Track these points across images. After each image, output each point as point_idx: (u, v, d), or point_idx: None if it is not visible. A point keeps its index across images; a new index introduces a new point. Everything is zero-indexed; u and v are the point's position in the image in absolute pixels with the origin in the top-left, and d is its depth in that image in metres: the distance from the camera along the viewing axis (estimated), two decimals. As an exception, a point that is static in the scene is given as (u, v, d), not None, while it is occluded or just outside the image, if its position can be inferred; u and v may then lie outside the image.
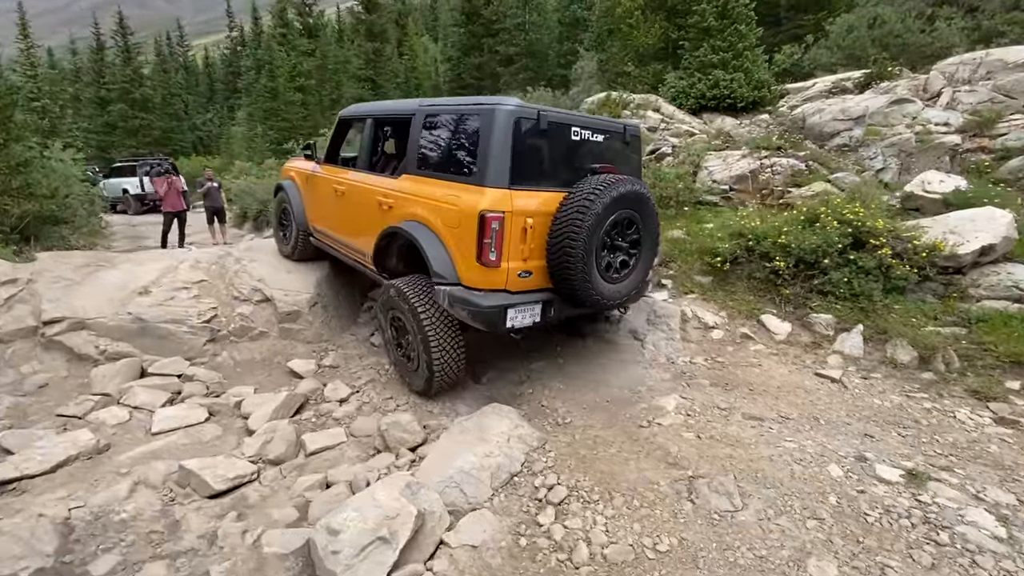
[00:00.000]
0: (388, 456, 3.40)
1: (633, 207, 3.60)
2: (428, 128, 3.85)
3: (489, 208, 3.19)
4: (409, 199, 3.79)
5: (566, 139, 3.62)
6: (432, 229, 3.55)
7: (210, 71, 54.20)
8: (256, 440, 3.61)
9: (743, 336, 4.89)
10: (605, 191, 3.35)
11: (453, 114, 3.68)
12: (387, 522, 2.44)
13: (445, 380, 3.78)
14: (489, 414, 3.52)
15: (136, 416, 4.10)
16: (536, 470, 3.09)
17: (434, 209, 3.54)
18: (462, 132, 3.58)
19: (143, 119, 30.36)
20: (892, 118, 6.77)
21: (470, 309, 3.28)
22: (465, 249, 3.32)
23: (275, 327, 5.54)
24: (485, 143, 3.30)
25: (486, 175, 3.27)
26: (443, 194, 3.51)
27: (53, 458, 3.42)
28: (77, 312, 5.16)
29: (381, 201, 4.08)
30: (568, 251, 3.29)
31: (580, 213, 3.28)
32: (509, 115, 3.30)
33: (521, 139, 3.31)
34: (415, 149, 3.91)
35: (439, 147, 3.81)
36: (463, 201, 3.33)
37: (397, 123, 5.35)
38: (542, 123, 3.42)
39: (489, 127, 3.30)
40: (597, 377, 4.43)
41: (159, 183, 10.55)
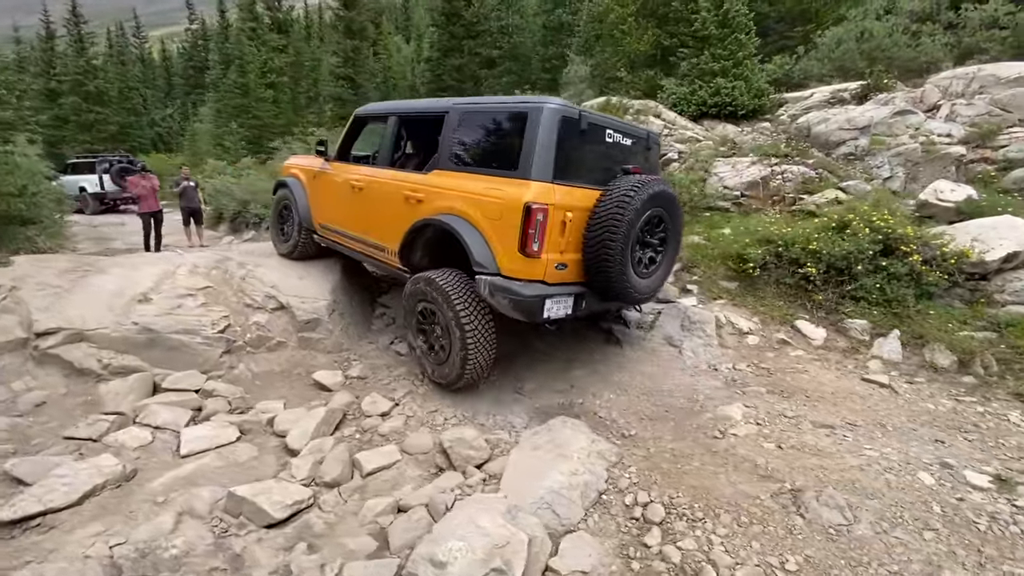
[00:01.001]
0: (454, 475, 3.20)
1: (664, 206, 3.78)
2: (463, 125, 3.90)
3: (534, 200, 3.27)
4: (444, 193, 3.83)
5: (601, 140, 3.78)
6: (470, 221, 3.60)
7: (167, 64, 51.77)
8: (304, 461, 3.33)
9: (780, 342, 4.91)
10: (642, 189, 3.50)
11: (494, 112, 3.77)
12: (498, 551, 2.26)
13: (477, 371, 3.80)
14: (560, 428, 3.37)
15: (160, 437, 3.74)
16: (622, 487, 2.96)
17: (473, 202, 3.59)
18: (505, 128, 3.67)
19: (98, 113, 28.52)
20: (895, 128, 7.03)
21: (512, 298, 3.32)
22: (506, 240, 3.39)
23: (293, 336, 5.22)
24: (531, 138, 3.37)
25: (531, 169, 3.34)
26: (484, 187, 3.56)
27: (78, 488, 3.06)
28: (74, 322, 4.71)
29: (409, 196, 4.10)
30: (608, 244, 3.41)
31: (620, 208, 3.41)
32: (555, 113, 3.39)
33: (564, 136, 3.40)
34: (449, 145, 3.95)
35: (477, 143, 3.91)
36: (507, 193, 3.39)
37: (425, 121, 5.39)
38: (583, 123, 3.55)
39: (536, 123, 3.37)
40: (646, 386, 4.35)
41: (135, 182, 9.86)
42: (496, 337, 3.83)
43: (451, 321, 3.68)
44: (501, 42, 22.57)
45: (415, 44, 44.78)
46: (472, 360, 3.70)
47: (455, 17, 23.52)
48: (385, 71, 25.57)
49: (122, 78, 31.47)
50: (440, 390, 4.36)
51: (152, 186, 10.00)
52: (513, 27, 22.98)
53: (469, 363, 3.71)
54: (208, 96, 28.12)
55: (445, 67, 23.75)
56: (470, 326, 3.64)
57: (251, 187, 13.79)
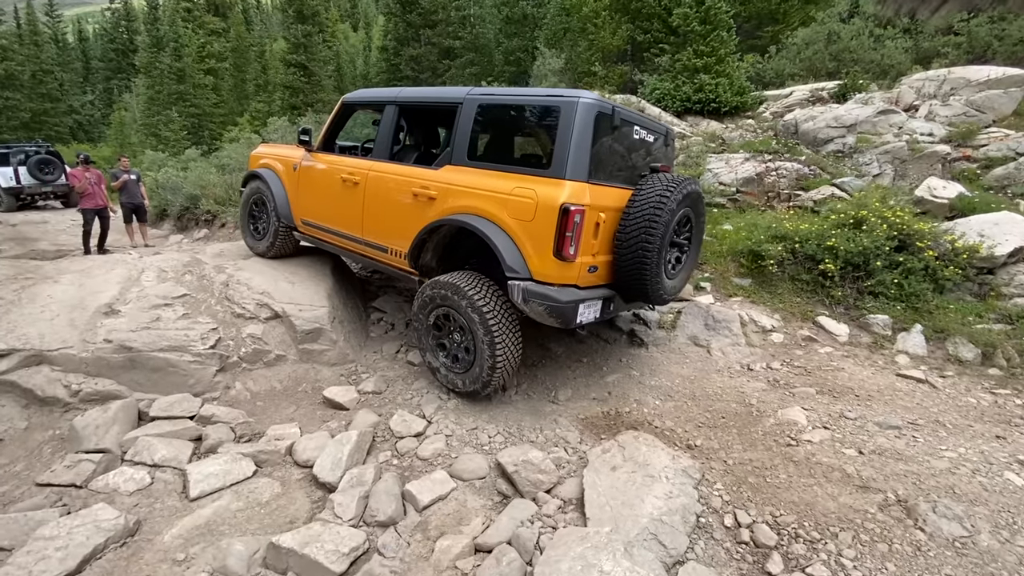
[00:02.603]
0: (525, 503, 2.87)
1: (692, 205, 3.71)
2: (483, 117, 3.67)
3: (571, 200, 3.11)
4: (462, 191, 3.60)
5: (630, 137, 3.67)
6: (497, 223, 3.39)
7: (84, 47, 47.21)
8: (347, 497, 2.90)
9: (806, 339, 4.89)
10: (677, 188, 3.41)
11: (519, 105, 3.56)
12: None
13: (503, 379, 3.66)
14: (633, 444, 3.12)
15: (160, 477, 3.17)
16: (715, 506, 2.75)
17: (500, 202, 3.38)
18: (533, 123, 3.52)
19: (7, 99, 25.35)
20: (880, 127, 7.27)
21: (549, 305, 3.19)
22: (540, 243, 3.22)
23: (293, 349, 4.67)
24: (565, 134, 3.19)
25: (566, 167, 3.17)
26: (512, 186, 3.36)
27: (75, 553, 2.50)
28: (31, 341, 3.98)
29: (418, 192, 3.82)
30: (646, 246, 3.32)
31: (657, 209, 3.31)
32: (591, 108, 3.22)
33: (598, 133, 3.28)
34: (465, 138, 3.69)
35: (500, 138, 3.73)
36: (540, 193, 3.21)
37: (434, 111, 5.02)
38: (615, 119, 3.41)
39: (570, 119, 3.19)
40: (688, 390, 4.18)
41: (77, 175, 8.69)
42: (522, 344, 3.67)
43: (477, 326, 3.49)
44: (461, 32, 21.96)
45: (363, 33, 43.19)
46: (501, 366, 3.54)
47: (412, 5, 22.70)
48: (336, 58, 24.31)
49: (35, 60, 28.17)
50: (471, 403, 4.02)
51: (97, 179, 8.86)
52: (475, 17, 22.42)
53: (498, 369, 3.54)
54: (137, 81, 25.69)
55: (402, 57, 22.90)
56: (498, 330, 3.46)
57: (201, 181, 12.64)
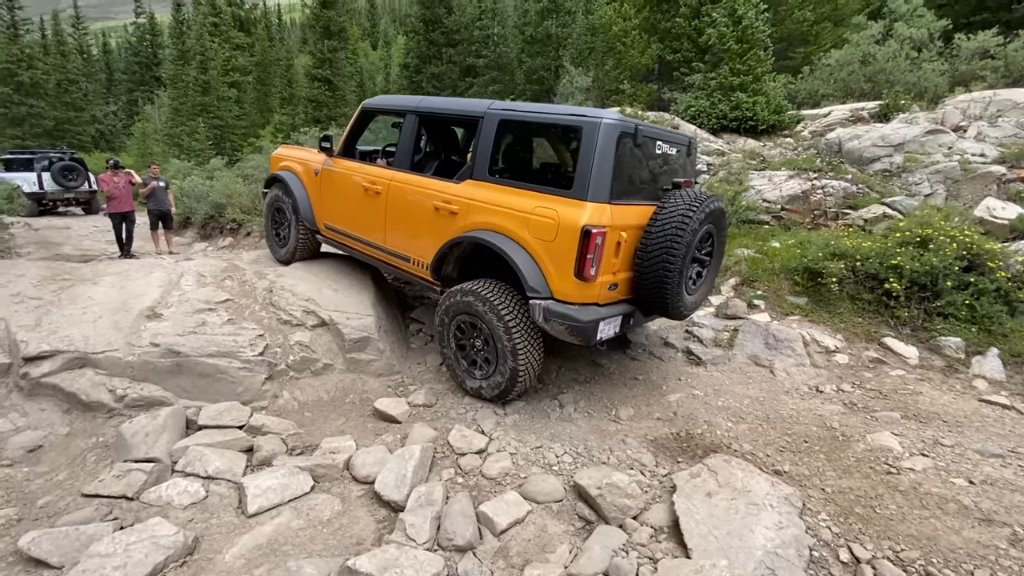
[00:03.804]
0: (612, 531, 2.65)
1: (715, 222, 3.68)
2: (504, 133, 3.67)
3: (593, 223, 3.12)
4: (483, 207, 3.60)
5: (652, 153, 3.64)
6: (518, 241, 3.42)
7: (108, 59, 48.31)
8: (418, 518, 2.68)
9: (874, 361, 4.66)
10: (701, 206, 3.38)
11: (541, 123, 3.60)
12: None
13: (525, 385, 3.71)
14: (724, 468, 2.90)
15: (215, 490, 2.98)
16: (825, 539, 2.52)
17: (522, 220, 3.40)
18: (555, 142, 3.52)
19: (32, 106, 25.81)
20: (928, 147, 7.13)
21: (570, 324, 3.22)
22: (561, 263, 3.25)
23: (340, 358, 4.50)
24: (587, 156, 3.20)
25: (588, 189, 3.18)
26: (534, 206, 3.37)
27: (134, 572, 2.31)
28: (75, 343, 3.83)
29: (440, 207, 3.82)
30: (668, 264, 3.32)
31: (680, 227, 3.30)
32: (613, 129, 3.21)
33: (620, 153, 3.26)
34: (486, 153, 3.68)
35: (521, 154, 3.71)
36: (562, 214, 3.23)
37: (455, 123, 5.00)
38: (638, 137, 3.40)
39: (593, 140, 3.19)
40: (761, 412, 3.95)
41: (106, 179, 8.66)
42: (544, 347, 3.71)
43: (500, 333, 3.53)
44: (484, 51, 22.23)
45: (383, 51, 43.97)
46: (523, 371, 3.58)
47: (435, 24, 23.04)
48: (359, 74, 24.64)
49: (60, 69, 28.76)
50: (530, 419, 3.83)
51: (126, 183, 8.84)
52: (497, 36, 22.72)
53: (520, 375, 3.59)
54: (162, 93, 26.11)
55: (424, 74, 23.17)
56: (521, 341, 3.51)
57: (227, 190, 12.64)
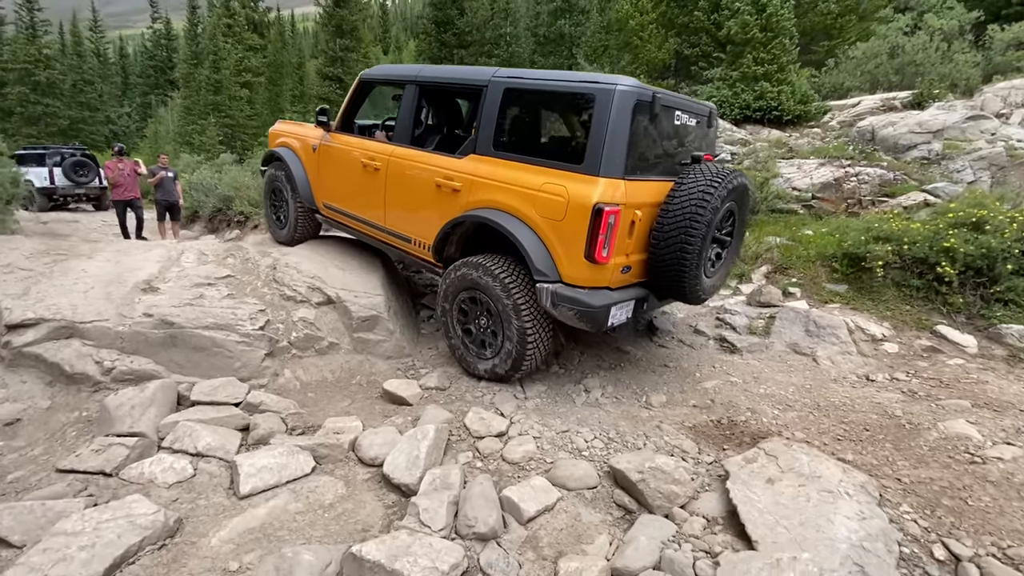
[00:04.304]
0: (659, 520, 2.28)
1: (737, 200, 3.43)
2: (510, 103, 3.38)
3: (605, 200, 2.88)
4: (487, 183, 3.36)
5: (670, 124, 3.37)
6: (524, 220, 3.18)
7: (124, 63, 48.98)
8: (433, 502, 2.33)
9: (928, 349, 4.27)
10: (723, 182, 3.12)
11: (550, 91, 3.26)
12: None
13: (534, 365, 3.48)
14: (785, 452, 2.54)
15: (204, 468, 2.65)
16: (913, 534, 2.14)
17: (528, 198, 3.16)
18: (566, 112, 3.26)
19: (47, 106, 26.00)
20: (969, 133, 6.76)
21: (580, 309, 3.00)
22: (570, 244, 3.01)
23: (346, 337, 4.18)
24: (600, 127, 2.92)
25: (600, 163, 2.92)
26: (542, 182, 3.11)
27: (104, 553, 1.97)
28: (62, 312, 3.54)
29: (442, 184, 3.58)
30: (686, 245, 3.06)
31: (700, 205, 3.03)
32: (629, 97, 2.92)
33: (636, 124, 2.99)
34: (490, 125, 3.41)
35: (528, 126, 3.51)
36: (572, 191, 2.98)
37: (457, 93, 4.69)
38: (656, 106, 3.08)
39: (606, 109, 2.91)
40: (808, 400, 3.58)
41: (111, 166, 8.46)
42: (554, 330, 3.47)
43: (509, 310, 3.30)
44: (496, 51, 22.08)
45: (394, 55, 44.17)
46: (531, 354, 3.35)
47: (446, 25, 22.96)
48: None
49: (77, 70, 29.04)
50: (553, 403, 3.50)
51: (132, 171, 8.62)
52: (510, 36, 22.59)
53: (527, 357, 3.35)
54: (174, 95, 26.24)
55: (435, 75, 23.03)
56: (530, 319, 3.27)
57: (235, 183, 12.46)
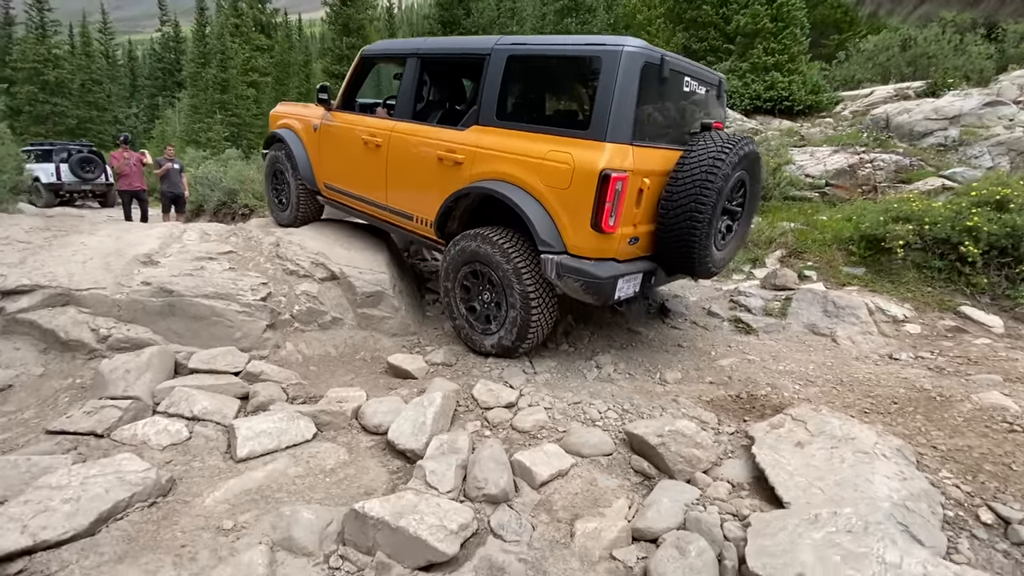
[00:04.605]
0: (681, 485, 2.14)
1: (749, 168, 3.31)
2: (514, 70, 3.29)
3: (612, 166, 2.79)
4: (490, 155, 3.28)
5: (679, 90, 3.27)
6: (528, 190, 3.10)
7: (132, 65, 49.38)
8: (441, 465, 2.20)
9: (953, 329, 4.12)
10: (733, 149, 3.01)
11: (554, 56, 3.17)
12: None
13: (540, 333, 3.39)
14: (814, 416, 2.40)
15: (200, 432, 2.53)
16: (955, 498, 1.99)
17: (532, 167, 3.07)
18: (572, 76, 3.22)
19: (55, 105, 26.17)
20: (987, 119, 6.64)
21: (586, 280, 2.92)
22: (576, 213, 2.93)
23: (350, 313, 4.06)
24: (607, 90, 2.84)
25: (607, 128, 2.83)
26: (546, 150, 3.03)
27: (89, 507, 1.85)
28: (58, 279, 3.44)
29: (444, 156, 3.50)
30: (696, 214, 2.96)
31: (711, 173, 2.93)
32: (637, 58, 2.83)
33: (644, 87, 2.89)
34: (493, 95, 3.33)
35: (533, 94, 3.44)
36: (578, 158, 2.89)
37: (460, 64, 4.55)
38: (664, 70, 3.01)
39: (613, 71, 2.83)
40: (830, 376, 3.43)
41: (117, 156, 8.41)
42: (558, 304, 3.39)
43: (510, 275, 3.21)
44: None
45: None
46: (536, 315, 3.25)
47: (453, 26, 22.96)
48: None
49: (85, 70, 29.25)
50: (563, 378, 3.37)
51: (137, 161, 8.57)
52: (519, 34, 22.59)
53: (534, 320, 3.24)
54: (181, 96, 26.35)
55: (441, 75, 23.04)
56: (535, 292, 3.19)
57: (240, 176, 12.43)
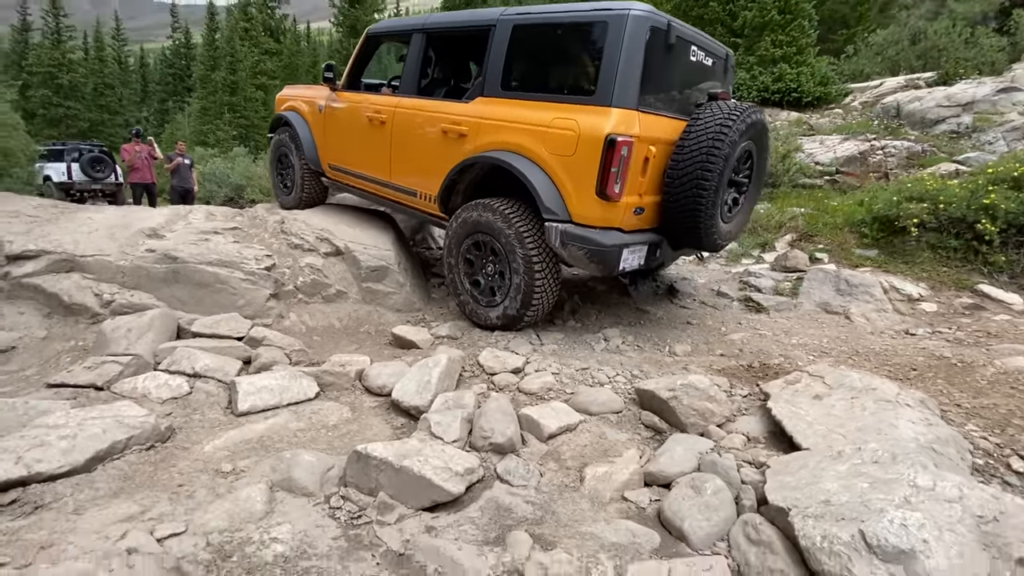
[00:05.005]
0: (693, 439, 2.07)
1: (756, 139, 3.25)
2: (519, 40, 3.28)
3: (619, 131, 2.73)
4: (494, 125, 3.26)
5: (685, 59, 3.20)
6: (532, 159, 3.06)
7: (144, 71, 50.10)
8: (446, 418, 2.14)
9: (970, 307, 4.02)
10: (740, 118, 2.95)
11: (560, 23, 3.14)
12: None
13: (542, 308, 3.32)
14: (832, 371, 2.33)
15: (201, 387, 2.48)
16: (984, 447, 1.91)
17: (537, 135, 3.04)
18: (575, 43, 3.15)
19: (68, 108, 26.55)
20: (1000, 106, 6.56)
21: (590, 248, 2.88)
22: (581, 180, 2.89)
23: (355, 287, 4.02)
24: (613, 54, 2.80)
25: (612, 93, 2.79)
26: (550, 117, 3.00)
27: (85, 445, 1.80)
28: (63, 246, 3.42)
29: (448, 129, 3.47)
30: (702, 182, 2.91)
31: (718, 140, 2.88)
32: (643, 21, 2.79)
33: (650, 52, 2.84)
34: (498, 66, 3.32)
35: (538, 63, 3.37)
36: (583, 124, 2.85)
37: (462, 38, 4.47)
38: (671, 36, 2.94)
39: (619, 34, 2.79)
40: (845, 348, 3.34)
41: (128, 149, 8.46)
42: (560, 276, 3.35)
43: (512, 240, 3.16)
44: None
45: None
46: (538, 300, 3.21)
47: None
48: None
49: (98, 74, 29.70)
50: (571, 347, 3.29)
51: (148, 154, 8.62)
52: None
53: (534, 304, 3.20)
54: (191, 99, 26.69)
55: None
56: (540, 263, 3.14)
57: (247, 172, 12.52)
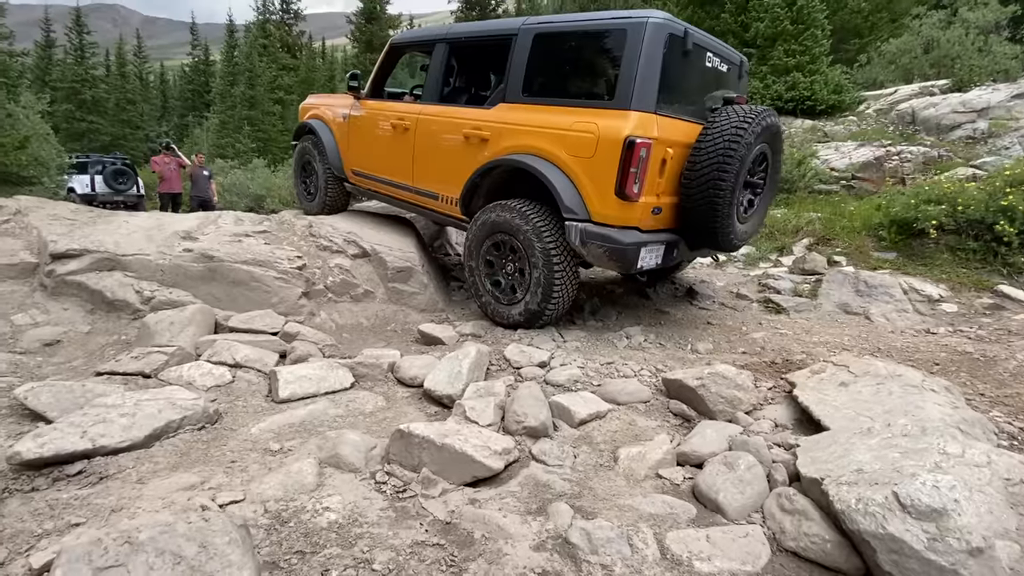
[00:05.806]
0: (723, 425, 2.12)
1: (770, 141, 3.34)
2: (540, 48, 3.40)
3: (638, 133, 2.84)
4: (516, 129, 3.37)
5: (701, 64, 3.32)
6: (553, 161, 3.17)
7: (164, 87, 51.38)
8: (480, 404, 2.21)
9: (991, 307, 4.03)
10: (755, 121, 3.04)
11: (581, 31, 3.30)
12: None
13: (563, 302, 3.38)
14: (857, 361, 2.38)
15: (243, 377, 2.58)
16: (1009, 431, 1.94)
17: (557, 138, 3.16)
18: (595, 50, 3.27)
19: (91, 123, 27.33)
20: (1016, 111, 6.58)
21: (609, 247, 2.97)
22: (601, 181, 2.98)
23: (381, 287, 4.12)
24: (631, 59, 2.91)
25: (632, 96, 2.90)
26: (571, 121, 3.12)
27: (144, 423, 1.90)
28: (105, 246, 3.57)
29: (470, 135, 3.59)
30: (719, 183, 2.99)
31: (733, 143, 2.97)
32: (661, 28, 2.91)
33: (668, 58, 2.96)
34: (520, 73, 3.44)
35: (558, 69, 3.49)
36: (603, 127, 2.96)
37: (487, 46, 4.55)
38: (688, 43, 3.07)
39: (638, 41, 2.91)
40: (866, 346, 3.37)
41: (159, 161, 8.75)
42: (579, 276, 3.43)
43: (530, 235, 3.24)
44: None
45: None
46: (558, 294, 3.27)
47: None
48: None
49: (120, 90, 30.57)
50: (593, 344, 3.34)
51: (178, 165, 8.89)
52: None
53: (555, 298, 3.27)
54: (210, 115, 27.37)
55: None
56: (559, 262, 3.22)
57: (266, 183, 12.79)
